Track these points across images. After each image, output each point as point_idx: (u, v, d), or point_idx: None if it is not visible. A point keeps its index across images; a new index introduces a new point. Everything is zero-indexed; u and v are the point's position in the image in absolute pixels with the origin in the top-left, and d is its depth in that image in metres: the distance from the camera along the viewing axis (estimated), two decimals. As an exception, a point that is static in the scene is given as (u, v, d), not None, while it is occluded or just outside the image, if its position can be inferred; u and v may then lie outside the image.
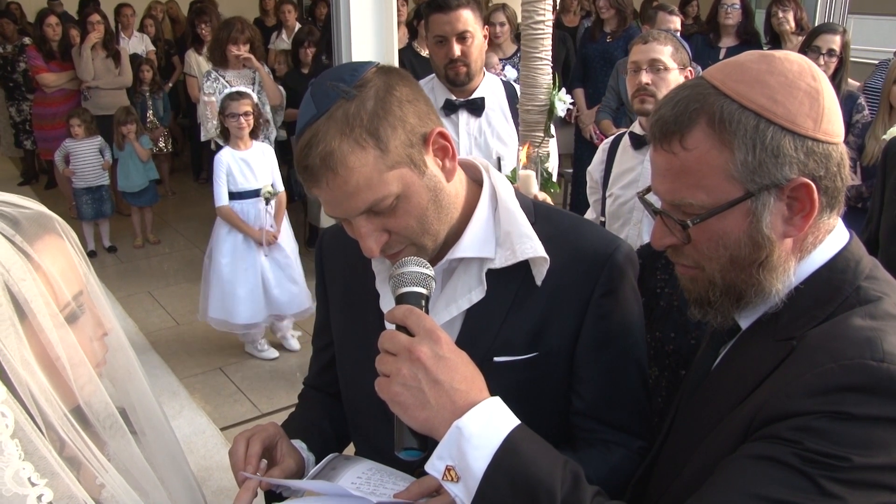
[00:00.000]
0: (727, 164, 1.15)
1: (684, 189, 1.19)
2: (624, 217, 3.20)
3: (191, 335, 5.76)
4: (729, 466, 1.11)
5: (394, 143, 1.30)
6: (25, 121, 9.07)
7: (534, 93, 2.66)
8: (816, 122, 1.16)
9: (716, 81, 1.18)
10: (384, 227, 1.36)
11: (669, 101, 1.22)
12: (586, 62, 6.56)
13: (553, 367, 1.50)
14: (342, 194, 1.31)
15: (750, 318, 1.28)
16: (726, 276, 1.23)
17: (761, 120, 1.14)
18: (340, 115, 1.28)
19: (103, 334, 1.17)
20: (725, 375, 1.29)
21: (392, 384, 1.21)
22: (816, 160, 1.16)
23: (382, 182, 1.30)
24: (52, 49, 7.97)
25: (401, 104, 1.32)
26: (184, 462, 1.35)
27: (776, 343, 1.19)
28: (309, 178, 1.31)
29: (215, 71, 5.90)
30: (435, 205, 1.39)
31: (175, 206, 8.73)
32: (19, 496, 0.99)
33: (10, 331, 1.00)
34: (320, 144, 1.27)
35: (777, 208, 1.17)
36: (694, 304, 1.31)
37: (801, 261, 1.22)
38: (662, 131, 1.20)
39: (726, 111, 1.15)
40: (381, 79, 1.33)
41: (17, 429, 0.99)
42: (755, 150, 1.14)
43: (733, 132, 1.14)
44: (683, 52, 3.11)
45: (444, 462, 1.17)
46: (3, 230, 1.03)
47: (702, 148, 1.16)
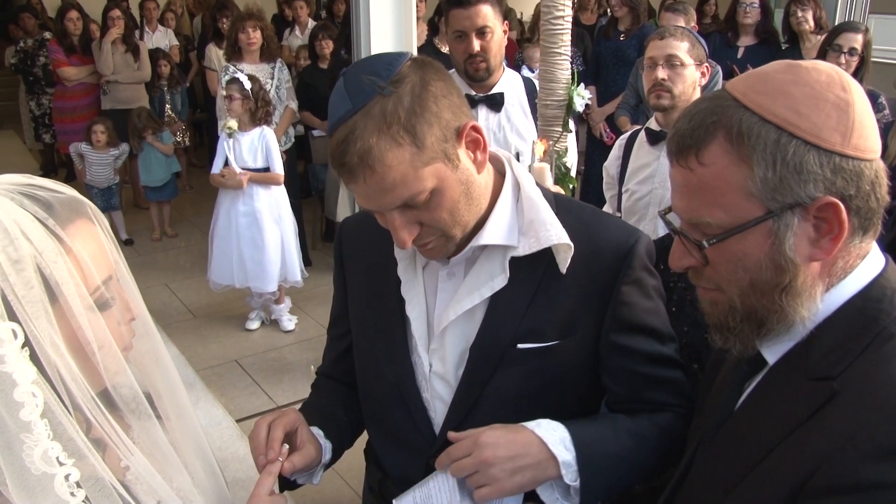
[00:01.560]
0: (746, 180, 1.08)
1: (702, 207, 1.13)
2: (640, 212, 3.21)
3: (207, 328, 5.80)
4: None
5: (430, 139, 1.31)
6: (45, 114, 9.13)
7: (552, 88, 2.66)
8: (845, 137, 1.07)
9: (737, 93, 1.11)
10: (417, 219, 1.38)
11: (687, 114, 1.15)
12: (599, 60, 6.54)
13: (576, 354, 1.52)
14: (378, 190, 1.32)
15: (776, 350, 1.20)
16: (746, 300, 1.15)
17: (783, 133, 1.06)
18: (378, 112, 1.28)
19: (131, 319, 1.19)
20: (754, 417, 1.21)
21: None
22: (845, 178, 1.06)
23: (418, 178, 1.32)
24: (72, 43, 8.02)
25: (436, 100, 1.33)
26: (207, 448, 1.36)
27: (810, 383, 1.10)
28: (346, 174, 1.32)
29: (232, 65, 5.93)
30: (466, 197, 1.40)
31: (192, 201, 8.78)
32: (48, 475, 1.01)
33: (40, 313, 1.02)
34: (358, 142, 1.28)
35: (802, 229, 1.08)
36: (714, 329, 1.23)
37: (832, 288, 1.13)
38: (679, 146, 1.14)
39: (745, 124, 1.07)
40: (416, 73, 1.33)
41: (46, 409, 1.01)
42: (775, 166, 1.06)
43: (752, 146, 1.07)
44: (700, 48, 3.11)
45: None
46: (36, 213, 1.05)
47: (719, 164, 1.09)
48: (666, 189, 3.13)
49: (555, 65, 2.64)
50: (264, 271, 5.40)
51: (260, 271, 5.40)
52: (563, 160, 2.72)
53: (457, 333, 1.54)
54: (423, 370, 1.58)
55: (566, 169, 2.71)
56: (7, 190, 1.06)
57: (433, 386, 1.58)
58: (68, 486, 1.02)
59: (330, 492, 3.88)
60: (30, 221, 1.04)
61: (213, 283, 5.56)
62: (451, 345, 1.55)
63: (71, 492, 1.02)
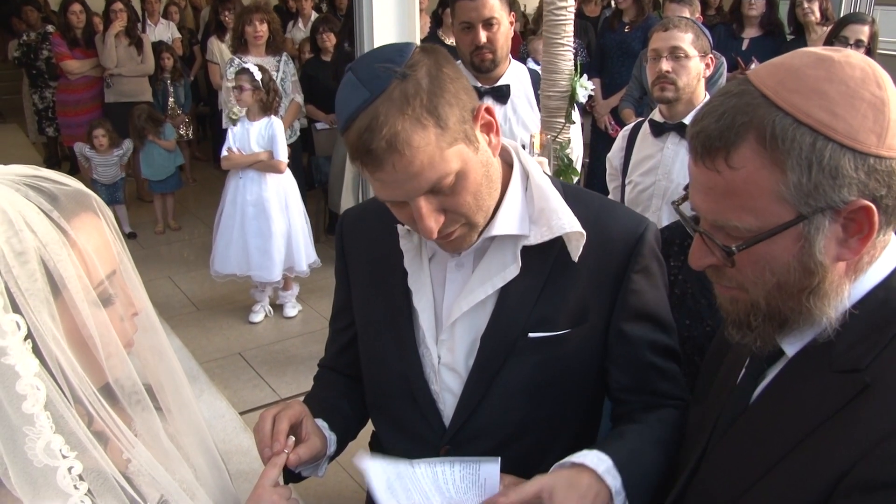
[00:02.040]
0: (778, 185, 1.03)
1: (729, 211, 1.08)
2: (643, 204, 3.20)
3: (211, 320, 5.81)
4: None
5: (451, 119, 1.31)
6: (48, 108, 9.13)
7: (555, 79, 2.65)
8: (881, 138, 1.03)
9: (767, 90, 1.06)
10: (443, 206, 1.37)
11: (713, 111, 1.09)
12: (604, 52, 6.52)
13: (587, 342, 1.53)
14: (406, 176, 1.31)
15: (796, 343, 1.17)
16: (771, 301, 1.12)
17: (819, 137, 1.01)
18: (399, 95, 1.28)
19: (134, 314, 1.19)
20: (776, 409, 1.17)
21: None
22: (878, 179, 1.03)
23: (444, 160, 1.31)
24: (76, 36, 8.01)
25: (452, 81, 1.33)
26: (210, 441, 1.36)
27: (837, 375, 1.08)
28: (372, 161, 1.30)
29: (238, 57, 5.93)
30: (487, 180, 1.41)
31: (196, 194, 8.77)
32: (50, 468, 1.01)
33: (43, 306, 1.02)
34: (384, 127, 1.26)
35: (832, 231, 1.06)
36: (732, 325, 1.20)
37: (857, 280, 1.12)
38: (705, 146, 1.08)
39: (779, 127, 1.02)
40: (429, 58, 1.33)
41: (48, 402, 1.01)
42: (811, 172, 1.02)
43: (787, 151, 1.02)
44: (704, 39, 3.10)
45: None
46: (41, 205, 1.05)
47: (750, 167, 1.04)
48: (669, 181, 3.13)
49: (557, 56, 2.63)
50: (269, 260, 5.41)
51: (265, 260, 5.41)
52: (566, 152, 2.71)
53: (467, 324, 1.54)
54: (432, 362, 1.58)
55: (569, 160, 2.70)
56: (12, 181, 1.06)
57: (442, 378, 1.58)
58: (71, 479, 1.02)
59: (333, 484, 3.89)
60: (35, 213, 1.03)
61: (215, 272, 5.58)
62: (461, 335, 1.54)
63: (73, 484, 1.02)
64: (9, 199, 1.03)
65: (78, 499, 1.03)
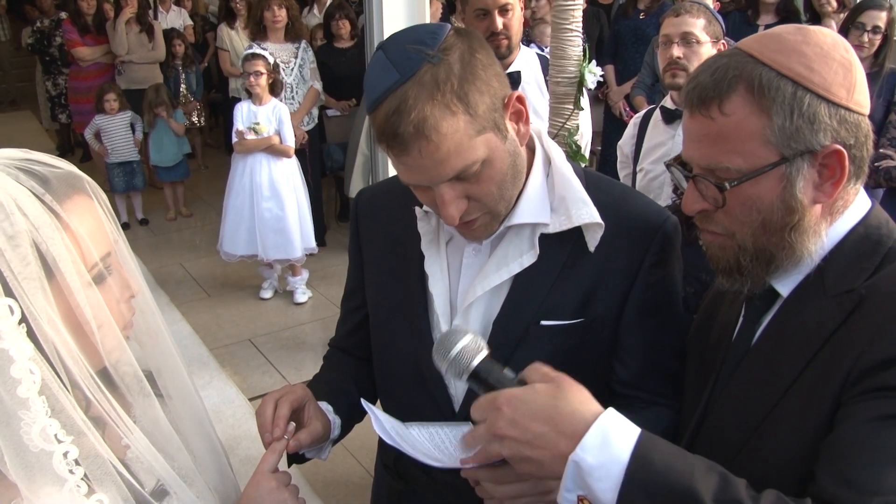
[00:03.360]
0: (764, 129, 1.17)
1: (721, 154, 1.21)
2: (654, 192, 3.17)
3: (221, 306, 5.83)
4: (857, 438, 1.07)
5: (482, 107, 1.29)
6: (61, 94, 9.18)
7: (563, 64, 2.61)
8: (849, 92, 1.19)
9: (753, 51, 1.21)
10: (466, 193, 1.35)
11: (707, 68, 1.24)
12: (618, 39, 6.48)
13: (599, 333, 1.51)
14: (432, 161, 1.29)
15: (788, 283, 1.28)
16: (758, 240, 1.24)
17: (798, 87, 1.17)
18: (429, 80, 1.26)
19: (130, 296, 1.18)
20: (777, 344, 1.27)
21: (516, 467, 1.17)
22: (848, 129, 1.19)
23: (471, 147, 1.29)
24: (86, 23, 8.04)
25: (485, 68, 1.31)
26: (210, 427, 1.35)
27: (833, 298, 1.20)
28: (398, 145, 1.28)
29: (257, 44, 5.92)
30: (513, 170, 1.39)
31: (207, 180, 8.80)
32: (46, 452, 1.00)
33: (37, 289, 1.01)
34: (412, 111, 1.25)
35: (809, 175, 1.19)
36: (722, 272, 1.31)
37: (833, 223, 1.25)
38: (700, 97, 1.22)
39: (765, 78, 1.17)
40: (463, 42, 1.31)
41: (44, 386, 1.00)
42: (793, 117, 1.16)
43: (772, 98, 1.17)
44: (717, 24, 3.07)
45: (574, 493, 1.10)
46: (33, 188, 1.04)
47: (740, 114, 1.18)
48: (681, 168, 3.10)
49: (566, 41, 2.59)
50: (287, 239, 5.49)
51: (283, 240, 5.49)
52: (574, 138, 2.68)
53: (481, 309, 1.52)
54: None
55: (577, 147, 2.67)
56: (3, 165, 1.05)
57: None
58: (66, 464, 1.01)
59: (342, 469, 3.90)
60: (26, 196, 1.02)
61: (224, 254, 5.65)
62: (475, 320, 1.53)
63: (69, 469, 1.02)
64: (0, 183, 1.02)
65: (73, 484, 1.02)
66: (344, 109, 6.83)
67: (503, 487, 1.24)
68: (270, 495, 1.29)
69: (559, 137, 2.71)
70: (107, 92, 7.19)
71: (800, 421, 1.17)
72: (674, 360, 1.56)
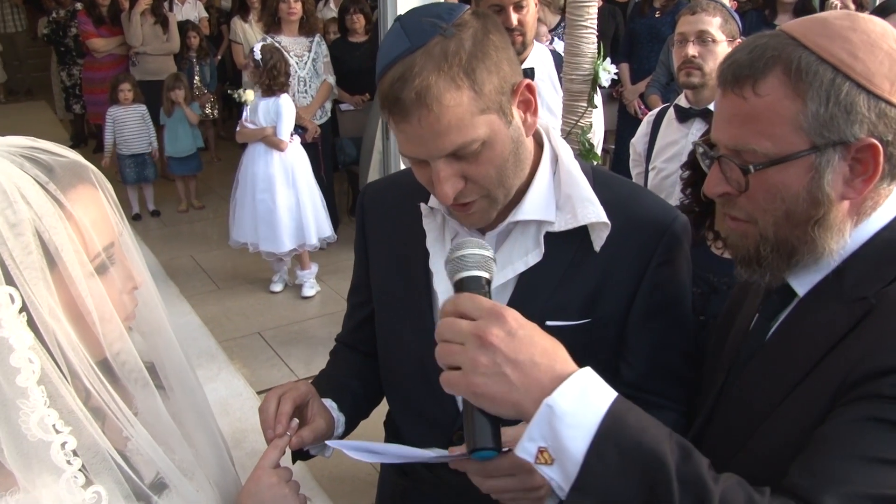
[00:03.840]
0: (798, 114, 1.12)
1: (750, 135, 1.16)
2: (667, 191, 3.15)
3: (231, 299, 5.84)
4: (833, 434, 1.07)
5: (488, 87, 1.27)
6: (75, 85, 9.21)
7: (578, 62, 2.60)
8: (893, 85, 1.13)
9: (796, 34, 1.16)
10: (463, 173, 1.33)
11: (745, 46, 1.19)
12: (633, 37, 6.45)
13: (605, 334, 1.48)
14: (431, 133, 1.27)
15: (805, 281, 1.24)
16: (780, 230, 1.20)
17: (838, 74, 1.11)
18: (439, 51, 1.25)
19: (133, 288, 1.17)
20: (788, 344, 1.25)
21: (470, 376, 1.07)
22: (887, 123, 1.12)
23: (472, 125, 1.28)
24: (101, 14, 8.06)
25: (497, 50, 1.29)
26: (211, 420, 1.34)
27: (846, 304, 1.16)
28: (399, 112, 1.27)
29: (270, 37, 5.93)
30: (514, 157, 1.37)
31: (219, 173, 8.81)
32: (44, 442, 0.99)
33: (39, 278, 1.00)
34: (416, 79, 1.24)
35: (840, 168, 1.14)
36: (741, 262, 1.27)
37: (859, 224, 1.20)
38: (735, 75, 1.17)
39: (804, 62, 1.12)
40: (478, 21, 1.30)
41: (43, 376, 1.00)
42: (828, 104, 1.11)
43: (809, 83, 1.12)
44: (733, 23, 3.04)
45: (535, 444, 1.04)
46: (37, 177, 1.03)
47: (774, 95, 1.14)
48: (693, 168, 3.07)
49: (581, 38, 2.58)
50: (274, 232, 5.52)
51: (270, 232, 5.53)
52: (588, 136, 2.66)
53: None
54: None
55: (590, 145, 2.66)
56: (8, 152, 1.04)
57: None
58: (64, 455, 1.01)
59: (348, 465, 3.89)
60: (30, 185, 1.02)
61: (232, 241, 5.75)
62: None
63: (67, 460, 1.01)
64: (4, 171, 1.01)
65: (71, 474, 1.01)
66: (357, 104, 6.83)
67: (490, 481, 1.20)
68: (270, 490, 1.28)
69: (572, 135, 2.70)
70: (122, 82, 7.22)
71: (797, 423, 1.14)
72: (682, 362, 1.54)
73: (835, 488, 1.01)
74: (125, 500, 1.07)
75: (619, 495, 1.00)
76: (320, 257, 6.02)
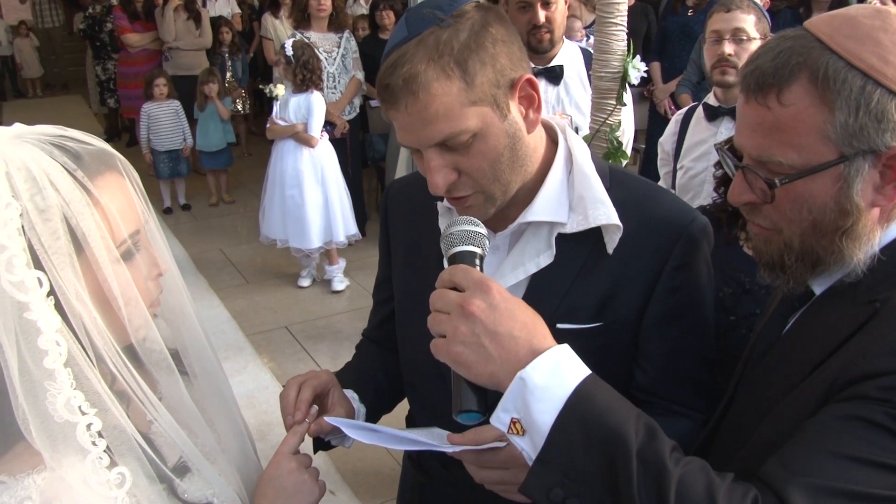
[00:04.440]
0: (825, 124, 1.07)
1: (774, 146, 1.12)
2: (694, 190, 3.13)
3: (259, 293, 5.89)
4: (813, 428, 1.06)
5: (480, 78, 1.27)
6: (110, 79, 9.34)
7: (607, 59, 2.57)
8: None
9: (822, 35, 1.10)
10: (455, 165, 1.33)
11: (769, 50, 1.13)
12: (665, 35, 6.41)
13: (618, 337, 1.45)
14: (419, 120, 1.28)
15: (824, 283, 1.21)
16: (806, 240, 1.16)
17: (869, 81, 1.05)
18: (432, 40, 1.26)
19: (158, 274, 1.19)
20: (798, 341, 1.23)
21: (451, 344, 1.15)
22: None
23: (462, 116, 1.27)
24: (136, 10, 8.17)
25: (494, 42, 1.29)
26: (234, 406, 1.36)
27: (856, 307, 1.13)
28: (388, 98, 1.29)
29: (300, 32, 5.97)
30: (511, 152, 1.35)
31: (250, 167, 8.88)
32: (70, 423, 1.02)
33: (66, 263, 1.03)
34: (405, 66, 1.25)
35: (870, 176, 1.09)
36: (765, 267, 1.24)
37: (886, 230, 1.16)
38: (759, 83, 1.12)
39: (832, 68, 1.06)
40: (478, 13, 1.30)
41: (69, 358, 1.02)
42: (858, 113, 1.06)
43: (837, 91, 1.06)
44: (765, 21, 3.02)
45: (508, 414, 1.11)
46: (65, 164, 1.05)
47: (800, 105, 1.08)
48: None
49: (610, 35, 2.55)
50: (303, 229, 5.57)
51: (299, 229, 5.58)
52: (616, 134, 2.64)
53: None
54: None
55: (618, 143, 2.64)
56: (38, 140, 1.07)
57: None
58: (90, 436, 1.03)
59: (372, 460, 3.92)
60: (58, 172, 1.04)
61: (263, 237, 5.81)
62: None
63: (92, 441, 1.03)
64: (33, 158, 1.03)
65: (96, 455, 1.03)
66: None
67: (484, 471, 1.21)
68: (290, 476, 1.30)
69: (601, 133, 2.68)
70: (156, 77, 7.31)
71: (792, 419, 1.13)
72: (699, 368, 1.51)
73: (802, 479, 1.01)
74: (148, 480, 1.09)
75: (580, 469, 1.06)
76: (348, 253, 6.06)
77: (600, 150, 2.67)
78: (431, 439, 1.32)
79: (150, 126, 7.30)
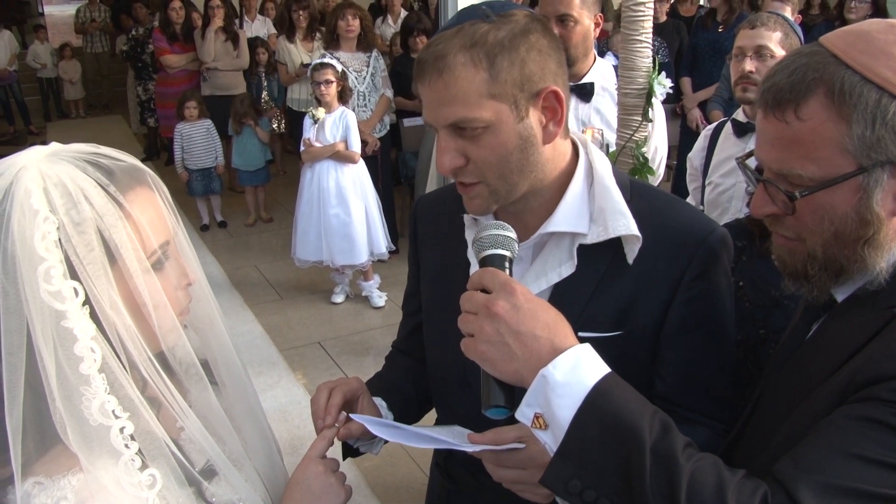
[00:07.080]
0: (843, 137, 1.10)
1: (794, 160, 1.15)
2: (723, 206, 3.12)
3: (293, 308, 5.95)
4: (825, 428, 1.09)
5: (505, 76, 1.32)
6: (150, 99, 9.53)
7: (632, 76, 2.60)
8: None
9: (837, 50, 1.13)
10: (464, 150, 1.37)
11: (785, 67, 1.17)
12: (696, 51, 6.43)
13: (637, 346, 1.48)
14: (438, 99, 1.34)
15: (847, 291, 1.24)
16: (829, 250, 1.19)
17: (884, 94, 1.09)
18: (471, 31, 1.32)
19: (187, 284, 1.24)
20: (818, 347, 1.26)
21: (478, 343, 1.22)
22: None
23: (479, 105, 1.32)
24: (175, 31, 8.33)
25: (529, 49, 1.33)
26: (261, 414, 1.41)
27: (875, 313, 1.16)
28: (418, 71, 1.36)
29: (329, 53, 6.06)
30: (521, 154, 1.38)
31: (285, 186, 8.98)
32: (104, 426, 1.07)
33: (100, 273, 1.08)
34: (439, 45, 1.32)
35: (889, 186, 1.12)
36: (789, 276, 1.27)
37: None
38: (776, 99, 1.16)
39: (847, 83, 1.10)
40: (525, 20, 1.35)
41: (104, 364, 1.07)
42: (874, 126, 1.09)
43: (853, 105, 1.09)
44: (794, 37, 2.99)
45: (532, 409, 1.18)
46: (98, 180, 1.11)
47: (817, 119, 1.12)
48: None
49: (635, 52, 2.57)
50: (353, 245, 5.62)
51: (348, 245, 5.62)
52: (642, 150, 2.66)
53: None
54: None
55: (644, 159, 2.65)
56: (73, 157, 1.13)
57: None
58: (123, 439, 1.08)
59: (402, 474, 3.93)
60: (92, 187, 1.10)
61: (298, 260, 5.80)
62: None
63: (125, 443, 1.08)
64: (69, 174, 1.10)
65: (129, 457, 1.09)
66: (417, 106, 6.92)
67: (502, 470, 1.27)
68: (318, 479, 1.34)
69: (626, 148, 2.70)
70: (188, 99, 7.46)
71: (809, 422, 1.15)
72: (717, 378, 1.52)
73: (812, 477, 1.04)
74: (178, 483, 1.14)
75: (597, 463, 1.11)
76: (382, 269, 6.11)
77: (626, 165, 2.69)
78: (453, 438, 1.36)
79: (183, 145, 7.45)
